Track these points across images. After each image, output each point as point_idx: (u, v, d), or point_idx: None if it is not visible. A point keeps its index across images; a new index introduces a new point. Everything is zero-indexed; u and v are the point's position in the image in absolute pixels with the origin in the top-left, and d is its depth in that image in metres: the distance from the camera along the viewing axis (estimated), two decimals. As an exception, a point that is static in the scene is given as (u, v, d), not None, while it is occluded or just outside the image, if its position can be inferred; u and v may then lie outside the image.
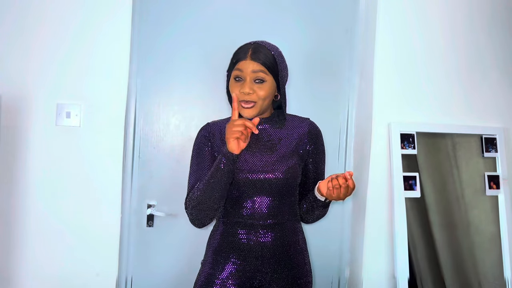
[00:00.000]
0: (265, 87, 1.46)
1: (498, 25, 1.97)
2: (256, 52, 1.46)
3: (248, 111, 1.45)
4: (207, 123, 1.60)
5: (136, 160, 1.88)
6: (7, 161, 1.73)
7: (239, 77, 1.46)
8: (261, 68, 1.45)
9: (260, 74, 1.45)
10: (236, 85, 1.47)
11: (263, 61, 1.45)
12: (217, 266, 1.49)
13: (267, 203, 1.47)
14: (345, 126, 2.02)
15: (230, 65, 1.52)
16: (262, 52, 1.47)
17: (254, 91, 1.44)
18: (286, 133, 1.54)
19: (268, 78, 1.46)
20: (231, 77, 1.49)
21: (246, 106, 1.45)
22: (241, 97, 1.45)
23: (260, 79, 1.45)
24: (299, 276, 1.50)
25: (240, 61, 1.47)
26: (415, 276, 1.83)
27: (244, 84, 1.45)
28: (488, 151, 1.94)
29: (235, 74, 1.47)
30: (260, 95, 1.45)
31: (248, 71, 1.44)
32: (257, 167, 1.47)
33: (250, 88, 1.44)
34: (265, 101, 1.47)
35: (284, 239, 1.50)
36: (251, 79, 1.45)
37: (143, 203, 1.89)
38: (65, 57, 1.75)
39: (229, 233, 1.50)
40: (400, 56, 1.89)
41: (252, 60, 1.45)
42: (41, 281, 1.76)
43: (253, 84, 1.45)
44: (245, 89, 1.44)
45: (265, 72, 1.45)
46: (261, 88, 1.45)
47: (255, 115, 1.47)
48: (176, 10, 1.89)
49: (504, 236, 1.89)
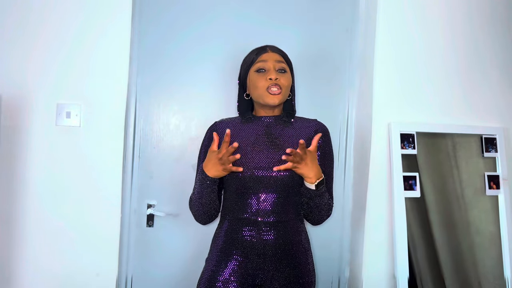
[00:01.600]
0: (287, 77, 1.55)
1: (498, 24, 1.97)
2: (274, 48, 1.58)
3: (277, 97, 1.51)
4: (214, 122, 1.63)
5: (136, 160, 1.89)
6: (7, 161, 1.73)
7: (263, 68, 1.53)
8: (282, 59, 1.55)
9: (283, 64, 1.55)
10: (260, 75, 1.53)
11: (282, 54, 1.57)
12: (221, 263, 1.50)
13: (272, 201, 1.48)
14: (345, 126, 2.02)
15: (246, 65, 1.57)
16: (278, 49, 1.58)
17: (279, 78, 1.51)
18: (294, 132, 1.55)
19: (288, 70, 1.56)
20: (252, 72, 1.55)
21: (274, 92, 1.50)
22: (268, 83, 1.50)
23: (283, 69, 1.54)
24: (301, 276, 1.51)
25: (261, 54, 1.55)
26: (415, 276, 1.83)
27: (269, 71, 1.52)
28: (488, 151, 1.94)
29: (258, 66, 1.54)
30: (284, 84, 1.53)
31: (272, 60, 1.53)
32: (263, 164, 1.48)
33: (276, 74, 1.51)
34: (287, 91, 1.56)
35: (287, 237, 1.50)
36: (275, 68, 1.53)
37: (143, 203, 1.89)
38: (65, 57, 1.75)
39: (233, 230, 1.51)
40: (400, 56, 1.89)
41: (274, 52, 1.56)
42: (41, 280, 1.76)
43: (278, 73, 1.52)
44: (272, 75, 1.50)
45: (285, 63, 1.56)
46: (285, 77, 1.54)
47: (280, 102, 1.52)
48: (176, 10, 1.89)
49: (504, 236, 1.89)
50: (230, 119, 1.62)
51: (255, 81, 1.52)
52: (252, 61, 1.55)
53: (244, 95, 1.60)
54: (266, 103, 1.51)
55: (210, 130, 1.61)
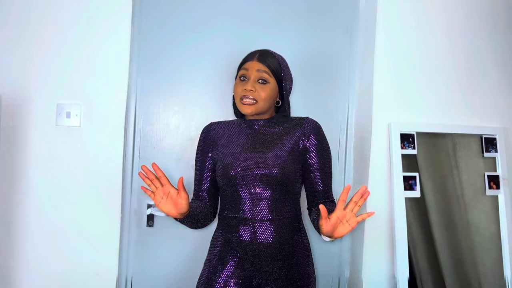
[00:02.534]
0: (267, 88, 1.51)
1: (498, 24, 1.97)
2: (263, 56, 1.54)
3: (249, 108, 1.50)
4: (210, 123, 1.64)
5: (136, 160, 1.89)
6: (7, 161, 1.73)
7: (244, 76, 1.53)
8: (265, 69, 1.52)
9: (264, 74, 1.51)
10: (240, 84, 1.54)
11: (268, 64, 1.52)
12: (219, 265, 1.50)
13: (264, 199, 1.48)
14: (345, 126, 2.01)
15: (238, 69, 1.59)
16: (269, 56, 1.54)
17: (256, 90, 1.50)
18: (284, 131, 1.56)
19: (271, 80, 1.52)
20: (237, 76, 1.56)
21: (247, 103, 1.50)
22: (243, 93, 1.50)
23: (263, 80, 1.51)
24: (300, 277, 1.50)
25: (247, 62, 1.55)
26: (415, 276, 1.83)
27: (247, 82, 1.51)
28: (488, 151, 1.94)
29: (241, 73, 1.55)
30: (262, 96, 1.50)
31: (252, 70, 1.51)
32: (253, 164, 1.49)
33: (252, 86, 1.50)
34: (265, 103, 1.52)
35: (284, 238, 1.50)
36: (255, 78, 1.51)
37: (143, 203, 1.89)
38: (65, 57, 1.75)
39: (230, 231, 1.51)
40: (400, 56, 1.89)
41: (258, 61, 1.53)
42: (41, 280, 1.76)
43: (256, 84, 1.51)
44: (247, 86, 1.49)
45: (268, 74, 1.52)
46: (263, 89, 1.51)
47: (253, 112, 1.52)
48: (176, 10, 1.89)
49: (504, 236, 1.89)
50: (225, 121, 1.65)
51: (235, 87, 1.55)
52: (240, 67, 1.58)
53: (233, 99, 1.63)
54: (241, 111, 1.53)
55: (203, 131, 1.65)
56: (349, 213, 1.30)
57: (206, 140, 1.62)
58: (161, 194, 1.34)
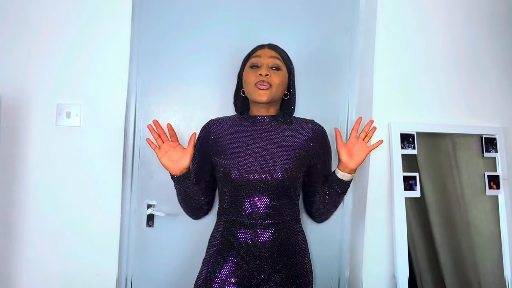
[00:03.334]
0: (280, 75, 1.52)
1: (498, 24, 1.97)
2: (272, 45, 1.57)
3: (265, 93, 1.49)
4: (210, 120, 1.63)
5: (136, 160, 1.89)
6: (7, 161, 1.73)
7: (256, 64, 1.52)
8: (277, 56, 1.53)
9: (277, 61, 1.52)
10: (252, 71, 1.52)
11: (279, 51, 1.55)
12: (217, 264, 1.50)
13: (265, 203, 1.48)
14: (345, 126, 2.01)
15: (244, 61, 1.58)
16: (278, 47, 1.57)
17: (270, 75, 1.50)
18: (290, 134, 1.54)
19: (283, 68, 1.54)
20: (246, 67, 1.55)
21: (262, 87, 1.49)
22: (257, 79, 1.49)
23: (276, 66, 1.52)
24: (298, 276, 1.50)
25: (257, 50, 1.55)
26: (415, 276, 1.83)
27: (261, 68, 1.51)
28: (488, 151, 1.94)
29: (252, 61, 1.53)
30: (276, 81, 1.50)
31: (265, 57, 1.52)
32: (256, 168, 1.47)
33: (267, 70, 1.50)
34: (279, 89, 1.52)
35: (283, 239, 1.50)
36: (268, 64, 1.51)
37: (143, 203, 1.89)
38: (65, 57, 1.75)
39: (229, 232, 1.51)
40: (400, 56, 1.89)
41: (269, 48, 1.55)
42: (41, 280, 1.76)
43: (270, 70, 1.51)
44: (263, 71, 1.49)
45: (280, 60, 1.53)
46: (277, 75, 1.51)
47: (268, 99, 1.50)
48: (176, 10, 1.89)
49: (504, 236, 1.89)
50: (225, 117, 1.62)
51: (246, 76, 1.52)
52: (248, 57, 1.56)
53: (241, 92, 1.59)
54: (254, 99, 1.51)
55: (204, 128, 1.62)
56: (361, 141, 1.49)
57: (206, 139, 1.59)
58: (166, 149, 1.42)
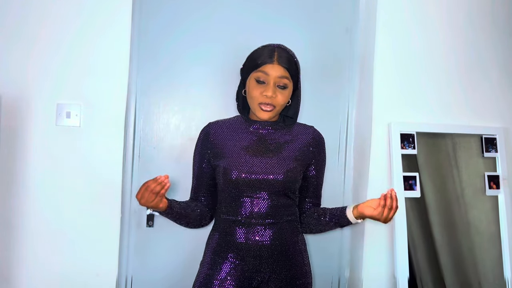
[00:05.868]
0: (286, 93, 1.49)
1: (498, 25, 1.96)
2: (282, 57, 1.47)
3: (267, 114, 1.48)
4: (208, 123, 1.61)
5: (136, 160, 1.88)
6: (7, 161, 1.73)
7: (263, 81, 1.47)
8: (286, 75, 1.47)
9: (284, 80, 1.47)
10: (258, 87, 1.48)
11: (288, 67, 1.47)
12: (215, 266, 1.49)
13: (265, 203, 1.47)
14: (345, 126, 2.02)
15: (250, 66, 1.51)
16: (287, 57, 1.48)
17: (276, 95, 1.46)
18: (291, 138, 1.55)
19: (290, 84, 1.50)
20: (252, 78, 1.49)
21: (266, 109, 1.47)
22: (262, 99, 1.46)
23: (283, 85, 1.48)
24: (298, 277, 1.50)
25: (265, 64, 1.47)
26: (415, 276, 1.83)
27: (267, 87, 1.46)
28: (488, 151, 1.94)
29: (258, 75, 1.47)
30: (280, 101, 1.48)
31: (273, 76, 1.46)
32: (257, 169, 1.47)
33: (273, 92, 1.46)
34: (282, 107, 1.51)
35: (283, 239, 1.49)
36: (275, 84, 1.47)
37: (143, 203, 1.89)
38: (65, 57, 1.75)
39: (228, 233, 1.50)
40: (400, 56, 1.89)
41: (279, 64, 1.46)
42: (41, 281, 1.76)
43: (276, 89, 1.47)
44: (268, 93, 1.45)
45: (288, 79, 1.48)
46: (283, 94, 1.48)
47: (269, 118, 1.50)
48: (176, 10, 1.89)
49: (504, 236, 1.89)
50: (225, 120, 1.61)
51: (252, 89, 1.48)
52: (255, 66, 1.48)
53: (243, 92, 1.58)
54: (255, 115, 1.51)
55: (203, 132, 1.59)
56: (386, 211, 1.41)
57: (205, 142, 1.57)
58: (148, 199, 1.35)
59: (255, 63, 1.48)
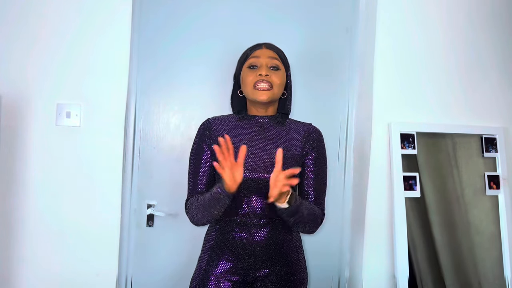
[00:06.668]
0: (279, 75, 1.51)
1: (498, 25, 1.96)
2: (270, 45, 1.55)
3: (265, 94, 1.48)
4: (207, 119, 1.61)
5: (136, 160, 1.88)
6: (7, 161, 1.73)
7: (254, 65, 1.51)
8: (276, 56, 1.52)
9: (275, 61, 1.51)
10: (251, 72, 1.51)
11: (277, 51, 1.54)
12: (212, 262, 1.51)
13: (262, 203, 1.48)
14: (345, 126, 2.01)
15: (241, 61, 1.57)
16: (275, 46, 1.56)
17: (270, 75, 1.49)
18: (288, 135, 1.54)
19: (282, 67, 1.53)
20: (244, 68, 1.53)
21: (263, 88, 1.47)
22: (256, 79, 1.48)
23: (275, 66, 1.51)
24: (293, 273, 1.51)
25: (255, 50, 1.53)
26: (415, 276, 1.83)
27: (260, 68, 1.50)
28: (488, 151, 1.94)
29: (250, 62, 1.52)
30: (276, 81, 1.50)
31: (264, 57, 1.51)
32: (255, 166, 1.47)
33: (267, 71, 1.49)
34: (279, 89, 1.52)
35: (277, 237, 1.50)
36: (267, 64, 1.50)
37: (143, 203, 1.89)
38: (65, 57, 1.75)
39: (224, 231, 1.51)
40: (400, 55, 1.89)
41: (268, 48, 1.53)
42: (41, 281, 1.76)
43: (269, 70, 1.50)
44: (261, 71, 1.48)
45: (279, 61, 1.52)
46: (277, 75, 1.50)
47: (269, 98, 1.49)
48: (175, 11, 1.89)
49: (504, 236, 1.89)
50: (224, 116, 1.61)
51: (245, 76, 1.51)
52: (246, 57, 1.54)
53: (238, 92, 1.59)
54: (254, 99, 1.49)
55: (202, 127, 1.58)
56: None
57: (204, 136, 1.55)
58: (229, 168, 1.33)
59: (246, 55, 1.55)
